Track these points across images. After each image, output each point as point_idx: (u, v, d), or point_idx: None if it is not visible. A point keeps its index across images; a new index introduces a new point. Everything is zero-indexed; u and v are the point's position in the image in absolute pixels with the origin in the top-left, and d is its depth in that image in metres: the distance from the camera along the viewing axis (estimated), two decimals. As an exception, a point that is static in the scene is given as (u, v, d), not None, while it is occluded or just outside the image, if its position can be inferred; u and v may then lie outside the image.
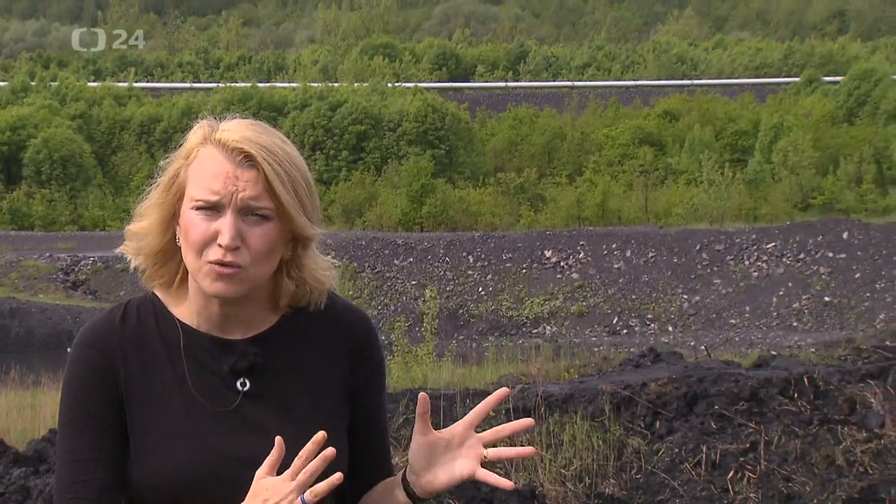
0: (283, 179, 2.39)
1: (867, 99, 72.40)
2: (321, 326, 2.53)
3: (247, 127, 2.43)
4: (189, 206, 2.39)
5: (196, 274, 2.39)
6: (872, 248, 41.05)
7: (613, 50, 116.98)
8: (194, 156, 2.42)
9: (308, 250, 2.49)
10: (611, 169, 57.99)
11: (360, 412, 2.55)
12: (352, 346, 2.54)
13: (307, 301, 2.52)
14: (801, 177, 52.61)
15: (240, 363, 2.45)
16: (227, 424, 2.40)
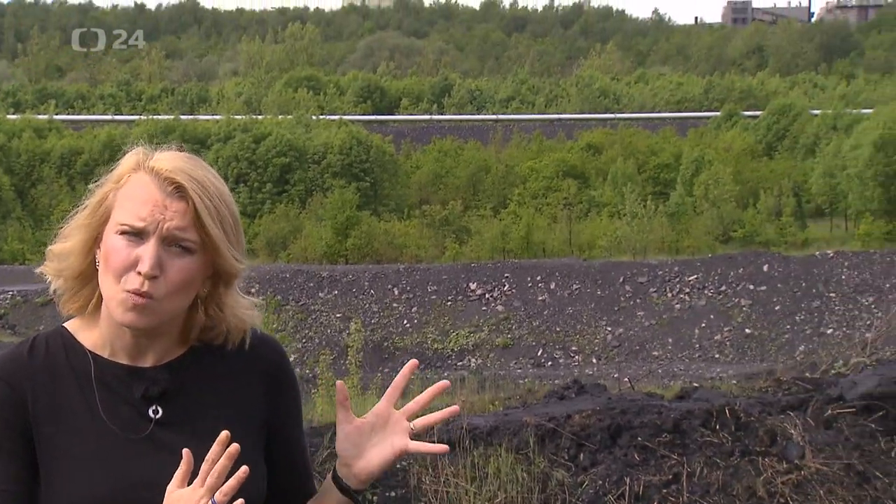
0: (211, 213, 2.39)
1: (786, 133, 73.52)
2: (234, 354, 2.52)
3: (180, 159, 2.44)
4: (114, 231, 2.38)
5: (110, 301, 2.38)
6: (792, 281, 41.61)
7: (537, 84, 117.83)
8: (125, 181, 2.42)
9: (230, 288, 2.48)
10: (535, 201, 58.26)
11: (278, 438, 2.56)
12: (265, 373, 2.54)
13: (223, 338, 2.51)
14: (722, 210, 53.20)
15: (151, 389, 2.44)
16: (140, 451, 2.40)
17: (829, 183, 57.94)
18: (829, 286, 41.28)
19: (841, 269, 42.21)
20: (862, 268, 42.21)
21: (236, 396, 2.50)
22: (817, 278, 41.74)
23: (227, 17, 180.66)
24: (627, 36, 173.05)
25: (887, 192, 53.20)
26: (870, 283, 41.26)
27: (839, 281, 41.53)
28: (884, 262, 42.45)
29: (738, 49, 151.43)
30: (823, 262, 42.86)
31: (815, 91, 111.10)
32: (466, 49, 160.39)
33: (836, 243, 51.91)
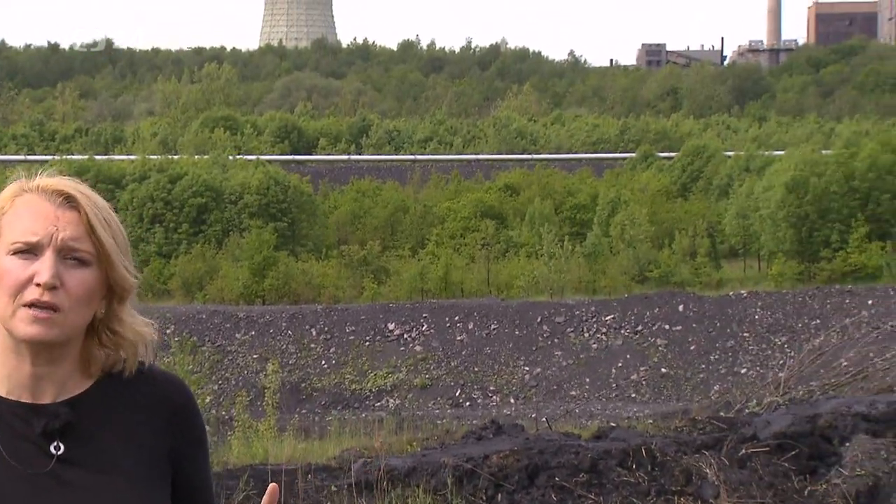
0: (102, 223, 2.40)
1: (700, 174, 74.47)
2: (139, 392, 2.52)
3: (63, 176, 2.46)
4: (5, 253, 2.35)
5: (9, 321, 2.35)
6: (707, 321, 42.06)
7: (455, 124, 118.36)
8: (9, 207, 2.40)
9: (125, 305, 2.48)
10: (453, 242, 58.38)
11: (183, 479, 2.54)
12: (171, 412, 2.53)
13: (122, 364, 2.50)
14: (638, 250, 53.66)
15: (52, 424, 2.41)
16: (42, 487, 2.36)
17: (743, 224, 58.71)
18: (742, 326, 41.78)
19: (754, 310, 42.76)
20: (775, 308, 42.79)
21: (140, 433, 2.48)
22: (731, 318, 42.24)
23: (142, 56, 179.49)
24: (544, 77, 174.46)
25: (799, 234, 54.03)
26: (782, 323, 41.83)
27: (753, 321, 42.06)
28: (796, 303, 43.07)
29: (652, 91, 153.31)
30: (737, 303, 43.39)
31: (728, 133, 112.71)
32: (384, 89, 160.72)
33: (749, 283, 52.60)
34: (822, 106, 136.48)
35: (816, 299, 43.22)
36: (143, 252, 56.89)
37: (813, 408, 10.63)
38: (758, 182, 60.23)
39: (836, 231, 53.64)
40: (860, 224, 53.25)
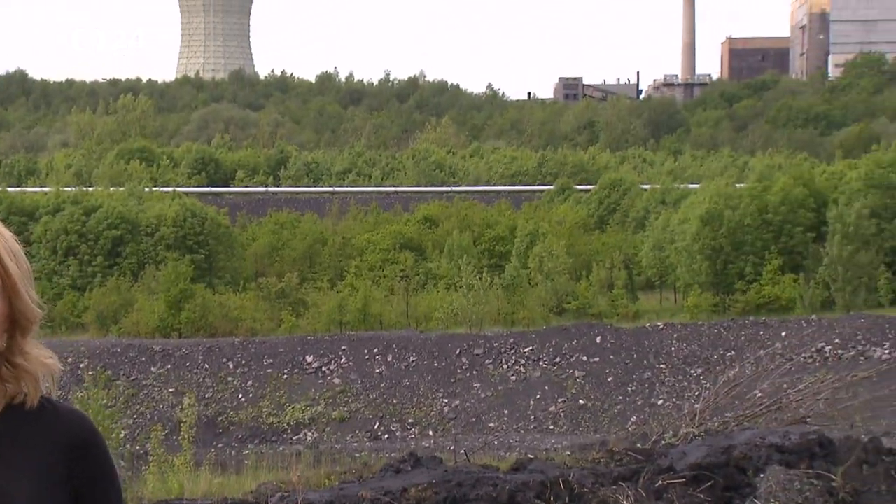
0: (8, 252, 2.38)
1: (617, 207, 75.13)
2: (39, 426, 2.49)
3: None
4: None
5: None
6: (624, 352, 42.35)
7: (373, 156, 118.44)
8: None
9: (27, 337, 2.44)
10: (372, 274, 58.29)
11: None
12: (71, 447, 2.51)
13: (23, 397, 2.46)
14: (556, 282, 53.93)
15: None
16: None
17: (659, 256, 59.26)
18: (659, 358, 42.13)
19: (671, 341, 43.14)
20: (690, 339, 43.21)
21: (37, 467, 2.45)
22: (648, 350, 42.58)
23: (56, 88, 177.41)
24: (462, 110, 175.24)
25: (714, 266, 54.64)
26: (698, 354, 42.24)
27: (669, 352, 42.43)
28: (711, 334, 43.53)
29: (569, 124, 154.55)
30: (654, 334, 43.75)
31: (644, 166, 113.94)
32: (303, 121, 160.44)
33: (665, 315, 53.08)
34: (735, 140, 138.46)
35: (731, 331, 43.72)
36: (57, 285, 56.12)
37: (728, 439, 10.72)
38: (673, 215, 60.88)
39: (751, 263, 54.32)
40: (773, 256, 54.00)
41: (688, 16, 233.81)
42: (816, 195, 57.71)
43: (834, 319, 44.13)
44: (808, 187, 57.93)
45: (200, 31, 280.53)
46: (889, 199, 54.94)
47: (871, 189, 55.35)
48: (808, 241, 55.14)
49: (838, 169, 68.84)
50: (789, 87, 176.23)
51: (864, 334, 41.98)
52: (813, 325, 43.40)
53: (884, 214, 54.27)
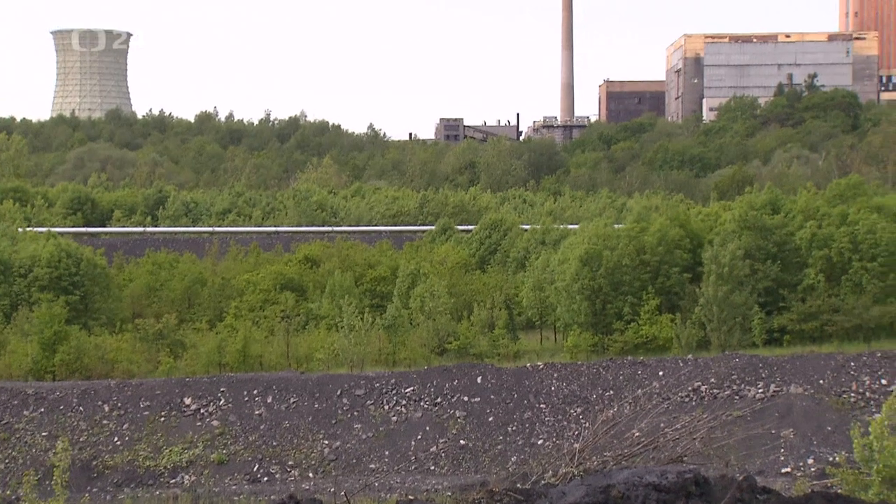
0: None
1: (498, 247, 75.61)
2: None
3: None
4: None
5: None
6: (504, 392, 42.50)
7: (254, 196, 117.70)
8: None
9: None
10: (252, 314, 57.79)
11: None
12: None
13: None
14: (438, 322, 54.00)
15: None
16: None
17: (539, 296, 59.70)
18: (539, 397, 42.36)
19: (551, 381, 43.43)
20: (570, 379, 43.55)
21: None
22: (528, 389, 42.79)
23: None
24: (344, 150, 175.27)
25: (593, 306, 55.20)
26: (578, 393, 42.57)
27: (549, 392, 42.69)
28: (590, 374, 43.93)
29: (451, 165, 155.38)
30: (534, 374, 44.01)
31: (524, 206, 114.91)
32: (181, 161, 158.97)
33: (546, 355, 53.43)
34: (613, 181, 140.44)
35: (610, 370, 44.17)
36: (-74, 327, 54.55)
37: (606, 478, 10.78)
38: (553, 255, 61.43)
39: (629, 303, 55.00)
40: (651, 297, 54.74)
41: (566, 58, 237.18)
42: (692, 236, 58.72)
43: (710, 359, 44.86)
44: (684, 228, 58.91)
45: (76, 70, 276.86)
46: (762, 241, 56.13)
47: (745, 230, 56.49)
48: (685, 282, 56.02)
49: (713, 210, 70.14)
50: (665, 129, 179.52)
51: (738, 374, 42.73)
52: (689, 364, 44.06)
53: (757, 255, 55.40)
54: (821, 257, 55.65)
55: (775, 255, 55.86)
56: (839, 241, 55.76)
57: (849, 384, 41.50)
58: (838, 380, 41.86)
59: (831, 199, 64.75)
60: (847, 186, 67.35)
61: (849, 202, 61.81)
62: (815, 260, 55.64)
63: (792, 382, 41.73)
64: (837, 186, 68.35)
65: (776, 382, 41.88)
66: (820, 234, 56.37)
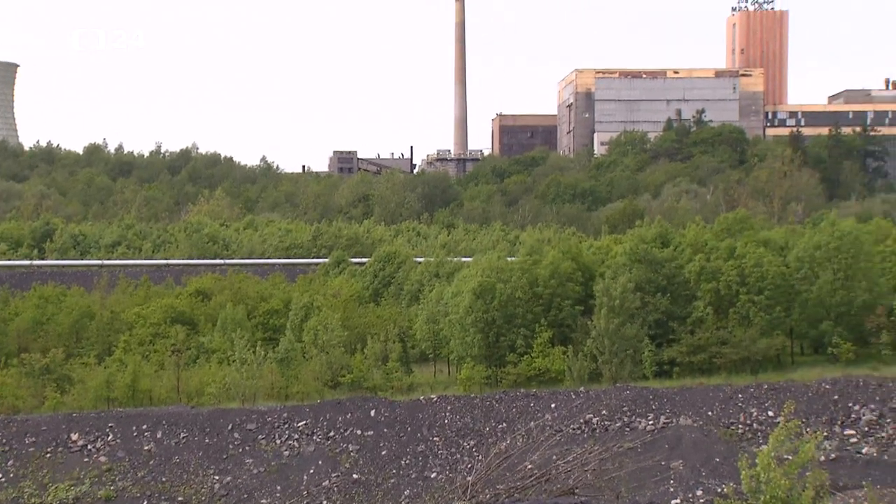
0: None
1: (391, 280, 75.57)
2: None
3: None
4: None
5: None
6: (398, 425, 42.40)
7: (144, 229, 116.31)
8: None
9: None
10: (142, 348, 57.00)
11: None
12: None
13: None
14: (331, 355, 53.76)
15: None
16: None
17: (433, 329, 59.75)
18: (433, 430, 42.31)
19: (444, 414, 43.42)
20: (464, 412, 43.58)
21: None
22: (422, 422, 42.73)
23: None
24: (236, 182, 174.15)
25: (486, 338, 55.38)
26: (471, 426, 42.60)
27: (443, 425, 42.67)
28: (484, 406, 44.01)
29: (344, 197, 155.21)
30: (428, 407, 43.98)
31: (418, 239, 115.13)
32: (69, 193, 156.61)
33: (439, 388, 53.44)
34: (507, 214, 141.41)
35: (503, 403, 44.28)
36: None
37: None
38: (447, 288, 61.56)
39: (522, 336, 55.27)
40: (543, 329, 55.10)
41: (460, 92, 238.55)
42: (584, 269, 59.29)
43: (601, 391, 45.23)
44: (576, 261, 59.45)
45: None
46: (652, 274, 56.82)
47: (635, 263, 57.17)
48: (577, 314, 56.49)
49: (604, 243, 70.95)
50: (557, 163, 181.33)
51: (629, 406, 43.13)
52: (581, 396, 44.37)
53: (647, 288, 56.06)
54: (709, 290, 56.52)
55: (665, 288, 56.59)
56: (727, 274, 56.69)
57: (737, 416, 42.15)
58: (726, 411, 42.48)
59: (719, 232, 65.90)
60: (734, 220, 68.63)
61: (736, 236, 62.93)
62: (704, 293, 56.49)
63: (681, 414, 42.25)
64: (725, 220, 69.61)
65: (666, 414, 42.36)
66: (708, 268, 57.26)
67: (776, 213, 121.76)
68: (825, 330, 56.81)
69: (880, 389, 43.71)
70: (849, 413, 42.11)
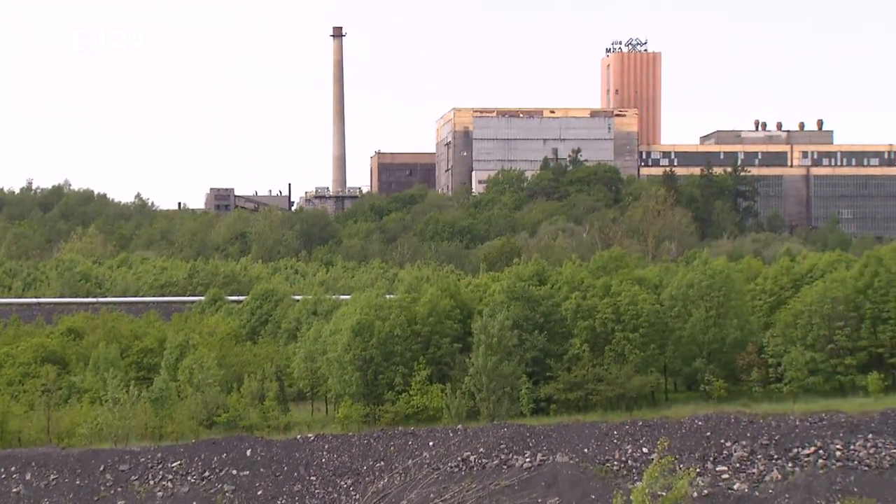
0: None
1: (269, 318, 74.95)
2: None
3: None
4: None
5: None
6: (274, 465, 42.01)
7: (14, 267, 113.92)
8: None
9: None
10: (11, 389, 55.71)
11: None
12: None
13: None
14: (207, 394, 53.15)
15: None
16: None
17: (311, 367, 59.39)
18: (310, 469, 42.01)
19: (321, 453, 43.15)
20: (341, 450, 43.36)
21: None
22: (299, 462, 42.40)
23: None
24: (110, 219, 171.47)
25: (365, 376, 55.21)
26: (349, 465, 42.40)
27: (320, 464, 42.39)
28: (361, 445, 43.84)
29: (221, 235, 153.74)
30: (305, 446, 43.67)
31: (296, 277, 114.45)
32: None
33: (317, 427, 53.12)
34: (385, 252, 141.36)
35: (381, 441, 44.16)
36: None
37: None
38: (325, 325, 61.27)
39: (400, 373, 55.23)
40: (422, 367, 55.14)
41: (338, 129, 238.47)
42: (462, 306, 59.53)
43: (479, 429, 45.37)
44: (454, 299, 59.67)
45: None
46: (530, 311, 57.27)
47: (513, 301, 57.56)
48: (455, 352, 56.65)
49: (483, 281, 71.29)
50: (436, 201, 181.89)
51: (506, 443, 43.31)
52: (459, 434, 44.45)
53: (525, 325, 56.47)
54: (585, 328, 57.12)
55: (542, 326, 57.05)
56: (603, 311, 57.38)
57: (612, 452, 42.56)
58: (602, 448, 42.88)
59: (595, 270, 66.71)
60: (610, 259, 69.55)
61: (612, 274, 63.77)
62: (580, 330, 57.07)
63: (558, 451, 42.55)
64: (601, 258, 70.51)
65: (543, 451, 42.61)
66: (584, 305, 57.90)
67: (650, 251, 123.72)
68: (698, 367, 57.76)
69: (751, 426, 44.52)
70: (721, 449, 42.81)
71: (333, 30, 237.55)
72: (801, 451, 42.63)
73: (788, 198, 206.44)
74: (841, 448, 42.82)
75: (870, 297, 57.80)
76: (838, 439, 43.31)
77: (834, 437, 43.44)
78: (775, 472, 41.37)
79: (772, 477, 41.21)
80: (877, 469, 41.46)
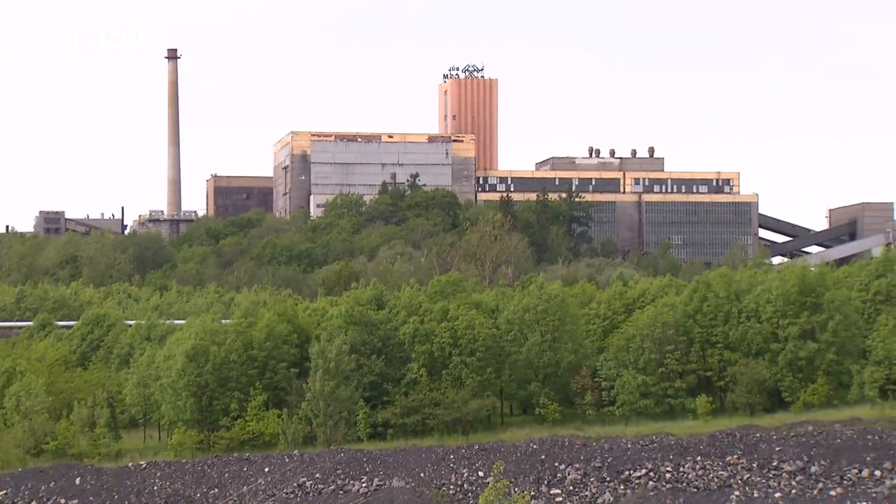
0: None
1: (100, 343, 73.44)
2: None
3: None
4: None
5: None
6: (105, 494, 41.14)
7: None
8: None
9: None
10: None
11: None
12: None
13: None
14: (34, 422, 51.89)
15: None
16: None
17: (144, 393, 58.40)
18: (141, 498, 41.22)
19: (154, 480, 42.40)
20: (174, 478, 42.67)
21: None
22: (130, 490, 41.58)
23: None
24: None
25: (199, 402, 54.50)
26: (181, 492, 41.73)
27: (152, 492, 41.64)
28: (195, 472, 43.20)
29: (51, 258, 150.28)
30: (136, 474, 42.87)
31: (129, 301, 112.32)
32: None
33: (149, 454, 52.22)
34: (221, 276, 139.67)
35: (215, 468, 43.58)
36: None
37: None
38: (159, 351, 60.32)
39: (236, 399, 54.67)
40: (258, 392, 54.67)
41: (173, 153, 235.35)
42: (300, 331, 59.24)
43: (315, 454, 45.15)
44: (291, 323, 59.35)
45: None
46: (368, 335, 57.26)
47: (351, 325, 57.51)
48: (292, 377, 56.30)
49: (321, 305, 71.01)
50: (273, 225, 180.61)
51: (343, 468, 43.16)
52: (295, 460, 44.15)
53: (363, 350, 56.45)
54: (423, 352, 57.34)
55: (380, 350, 57.10)
56: (440, 336, 57.69)
57: (448, 476, 42.76)
58: (439, 472, 43.06)
59: (433, 295, 67.04)
60: (447, 283, 69.97)
61: (449, 298, 64.17)
62: (418, 354, 57.28)
63: (394, 476, 42.57)
64: (438, 283, 70.90)
65: (379, 476, 42.59)
66: (422, 330, 58.12)
67: (488, 275, 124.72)
68: (533, 391, 58.43)
69: (584, 449, 45.18)
70: (555, 472, 43.34)
71: (168, 52, 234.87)
72: (632, 473, 43.41)
73: (621, 223, 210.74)
74: (671, 470, 43.73)
75: (699, 322, 59.32)
76: (668, 461, 44.24)
77: (664, 460, 44.34)
78: (607, 495, 42.01)
79: (604, 499, 41.85)
80: (705, 490, 42.43)
